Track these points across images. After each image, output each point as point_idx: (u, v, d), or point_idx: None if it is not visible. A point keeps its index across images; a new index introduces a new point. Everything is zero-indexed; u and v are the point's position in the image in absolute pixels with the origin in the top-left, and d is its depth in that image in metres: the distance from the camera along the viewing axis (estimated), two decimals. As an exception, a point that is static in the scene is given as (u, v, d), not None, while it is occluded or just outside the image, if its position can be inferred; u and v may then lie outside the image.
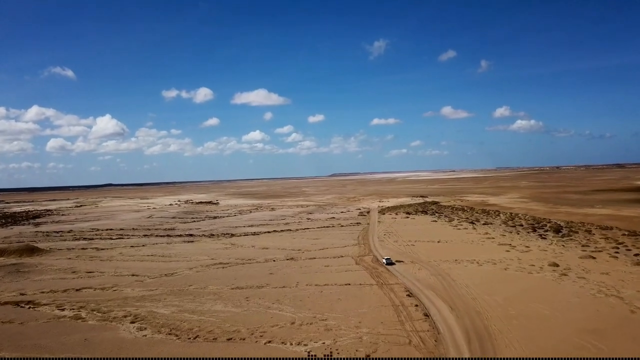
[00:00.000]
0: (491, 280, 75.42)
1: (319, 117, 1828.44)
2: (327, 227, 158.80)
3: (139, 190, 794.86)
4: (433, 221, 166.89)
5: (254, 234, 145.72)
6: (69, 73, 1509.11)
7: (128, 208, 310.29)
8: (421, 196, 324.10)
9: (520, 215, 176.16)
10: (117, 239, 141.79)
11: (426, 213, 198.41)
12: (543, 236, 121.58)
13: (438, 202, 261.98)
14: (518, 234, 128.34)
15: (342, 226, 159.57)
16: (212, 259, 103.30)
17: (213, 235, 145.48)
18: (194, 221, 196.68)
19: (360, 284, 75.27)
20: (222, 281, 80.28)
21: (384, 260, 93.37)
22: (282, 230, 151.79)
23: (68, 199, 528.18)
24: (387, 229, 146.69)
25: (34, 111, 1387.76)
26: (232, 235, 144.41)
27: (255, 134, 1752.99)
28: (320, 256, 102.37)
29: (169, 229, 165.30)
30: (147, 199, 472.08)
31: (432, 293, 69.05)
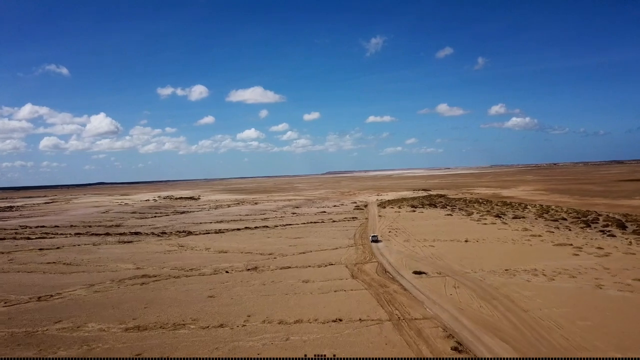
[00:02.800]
0: (591, 311, 42.21)
1: (314, 115, 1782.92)
2: (315, 222, 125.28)
3: (128, 188, 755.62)
4: (447, 215, 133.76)
5: (218, 231, 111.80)
6: (64, 70, 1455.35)
7: (97, 204, 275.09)
8: (423, 190, 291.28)
9: (553, 207, 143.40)
10: (36, 239, 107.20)
11: (435, 206, 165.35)
12: (608, 233, 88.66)
13: (445, 195, 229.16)
14: (570, 230, 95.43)
15: (333, 222, 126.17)
16: (138, 268, 69.44)
17: (165, 233, 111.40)
18: (155, 217, 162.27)
19: (360, 320, 41.74)
20: (122, 312, 46.43)
21: (370, 238, 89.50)
22: (256, 227, 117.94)
23: (45, 196, 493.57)
24: (391, 225, 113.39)
25: (27, 109, 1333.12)
26: (189, 233, 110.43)
27: (251, 132, 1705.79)
28: (299, 264, 68.78)
29: (113, 226, 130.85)
30: (128, 195, 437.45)
31: (500, 344, 35.61)
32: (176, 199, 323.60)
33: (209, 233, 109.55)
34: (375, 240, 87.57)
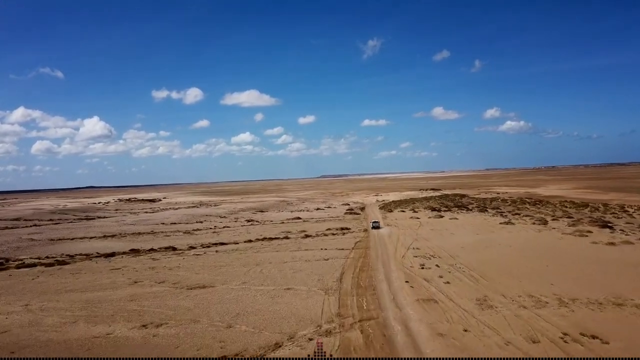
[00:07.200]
0: None
1: (309, 118, 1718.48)
2: (271, 240, 67.86)
3: (109, 192, 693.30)
4: (504, 223, 77.16)
5: (57, 263, 53.81)
6: (58, 74, 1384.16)
7: (23, 208, 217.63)
8: (432, 189, 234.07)
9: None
10: None
11: (467, 209, 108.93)
12: None
13: (466, 195, 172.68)
14: None
15: (306, 237, 68.87)
16: None
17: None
18: (24, 227, 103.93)
19: None
20: None
21: (371, 224, 73.66)
22: (151, 250, 59.88)
23: (5, 200, 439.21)
24: (416, 245, 56.41)
25: (19, 112, 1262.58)
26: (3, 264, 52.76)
27: (245, 136, 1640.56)
28: None
29: None
30: (90, 198, 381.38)
31: None
32: (135, 201, 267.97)
33: (34, 266, 51.79)
34: (376, 227, 71.80)
